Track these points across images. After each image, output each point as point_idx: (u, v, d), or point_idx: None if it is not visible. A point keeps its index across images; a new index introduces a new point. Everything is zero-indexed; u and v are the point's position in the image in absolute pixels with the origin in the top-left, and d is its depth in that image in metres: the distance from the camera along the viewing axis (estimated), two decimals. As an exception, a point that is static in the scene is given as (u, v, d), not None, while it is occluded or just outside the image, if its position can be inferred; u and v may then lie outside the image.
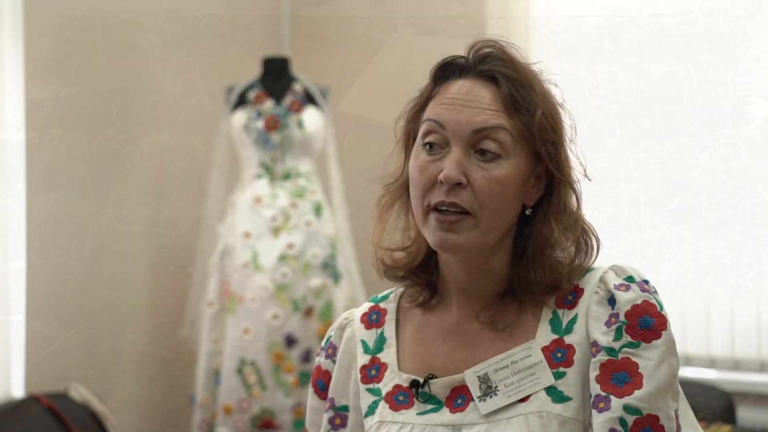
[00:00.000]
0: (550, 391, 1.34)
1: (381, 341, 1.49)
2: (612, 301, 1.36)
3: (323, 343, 1.56)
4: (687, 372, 3.57)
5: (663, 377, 1.31)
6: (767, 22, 3.51)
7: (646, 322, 1.33)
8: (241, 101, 3.76)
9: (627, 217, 3.64)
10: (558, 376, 1.35)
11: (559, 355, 1.36)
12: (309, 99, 3.77)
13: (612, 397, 1.30)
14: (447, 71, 1.42)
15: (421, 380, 1.41)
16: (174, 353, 3.96)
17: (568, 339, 1.37)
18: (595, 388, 1.32)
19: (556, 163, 1.39)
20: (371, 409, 1.45)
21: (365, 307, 1.55)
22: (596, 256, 1.42)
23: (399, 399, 1.42)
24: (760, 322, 3.50)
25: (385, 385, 1.45)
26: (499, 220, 1.37)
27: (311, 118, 3.72)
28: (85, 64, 3.65)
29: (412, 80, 1.51)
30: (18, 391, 3.30)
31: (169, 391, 3.98)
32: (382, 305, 1.54)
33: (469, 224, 1.36)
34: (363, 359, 1.49)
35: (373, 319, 1.52)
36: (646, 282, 1.38)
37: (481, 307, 1.42)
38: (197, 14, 4.19)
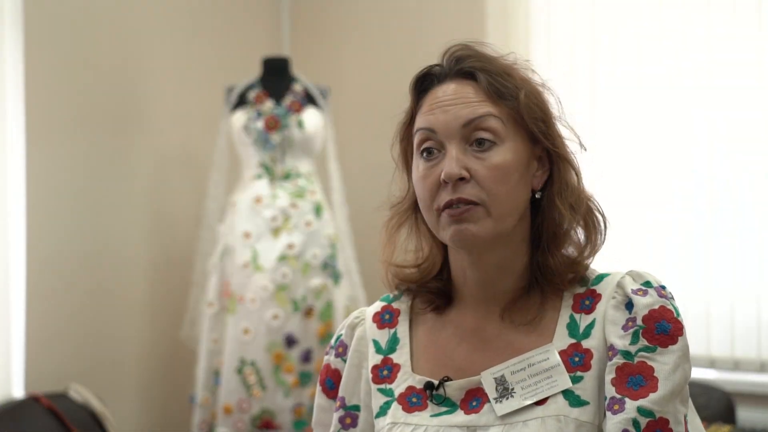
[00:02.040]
0: (568, 394, 1.35)
1: (394, 342, 1.49)
2: (629, 305, 1.37)
3: (333, 341, 1.56)
4: (687, 372, 3.57)
5: (677, 382, 1.32)
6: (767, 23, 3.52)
7: (663, 327, 1.34)
8: (241, 101, 3.75)
9: (628, 217, 3.64)
10: (575, 380, 1.36)
11: (576, 360, 1.37)
12: (309, 99, 3.77)
13: (627, 399, 1.31)
14: (426, 82, 1.44)
15: (436, 382, 1.42)
16: (174, 353, 3.96)
17: (586, 343, 1.38)
18: (610, 391, 1.33)
19: (550, 140, 1.41)
20: (383, 410, 1.45)
21: (377, 306, 1.55)
22: (605, 232, 1.43)
23: (412, 401, 1.43)
24: (760, 322, 3.51)
25: (398, 386, 1.45)
26: (509, 206, 1.38)
27: (311, 118, 3.72)
28: (85, 64, 3.64)
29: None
30: (18, 391, 3.29)
31: (169, 391, 3.98)
32: (395, 305, 1.54)
33: (481, 213, 1.37)
34: (375, 359, 1.49)
35: (385, 318, 1.53)
36: (663, 287, 1.39)
37: (503, 304, 1.43)
38: (197, 14, 4.19)
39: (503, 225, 1.38)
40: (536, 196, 1.42)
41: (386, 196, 1.52)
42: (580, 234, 1.43)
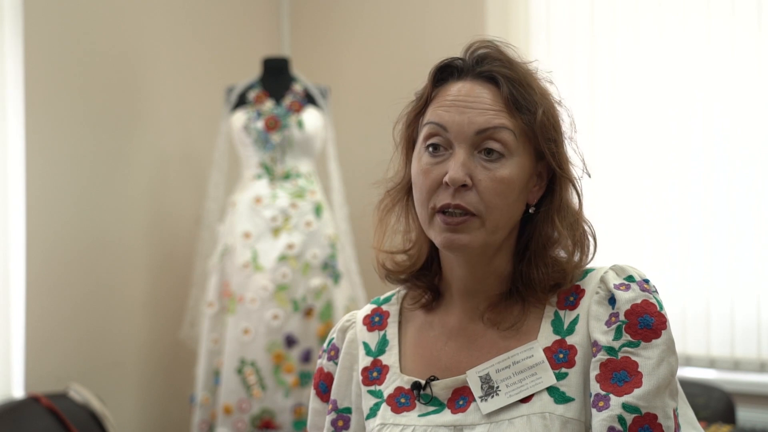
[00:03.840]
0: (553, 391, 1.35)
1: (383, 343, 1.50)
2: (612, 300, 1.37)
3: (325, 345, 1.56)
4: (687, 372, 3.57)
5: (662, 376, 1.31)
6: (767, 22, 3.51)
7: (645, 322, 1.34)
8: (241, 101, 3.76)
9: (627, 217, 3.64)
10: (560, 376, 1.35)
11: (561, 356, 1.37)
12: (309, 99, 3.77)
13: (612, 396, 1.30)
14: (445, 73, 1.42)
15: (423, 382, 1.42)
16: (174, 353, 3.96)
17: (570, 339, 1.37)
18: (595, 387, 1.32)
19: (558, 161, 1.40)
20: (373, 412, 1.45)
21: (367, 308, 1.56)
22: (593, 254, 1.43)
23: (401, 401, 1.43)
24: (760, 322, 3.50)
25: (387, 387, 1.45)
26: (504, 220, 1.38)
27: (311, 118, 3.72)
28: (85, 63, 3.65)
29: (412, 80, 1.52)
30: (18, 391, 3.30)
31: (169, 391, 3.98)
32: (384, 307, 1.54)
33: (475, 225, 1.36)
34: (365, 361, 1.49)
35: (375, 321, 1.53)
36: (647, 281, 1.39)
37: (485, 306, 1.43)
38: (197, 14, 4.19)
39: (495, 237, 1.38)
40: (530, 211, 1.42)
41: (382, 176, 1.50)
42: (569, 250, 1.42)
